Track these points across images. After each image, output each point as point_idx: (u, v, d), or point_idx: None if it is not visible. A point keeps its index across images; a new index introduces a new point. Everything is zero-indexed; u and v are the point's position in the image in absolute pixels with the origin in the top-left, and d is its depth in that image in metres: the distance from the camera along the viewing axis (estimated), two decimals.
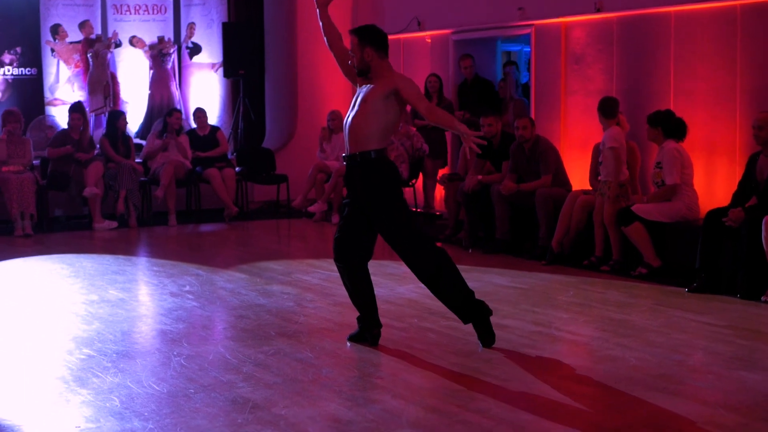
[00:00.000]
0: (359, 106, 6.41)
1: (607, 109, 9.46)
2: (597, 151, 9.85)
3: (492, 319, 7.13)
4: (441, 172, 12.68)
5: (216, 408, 5.22)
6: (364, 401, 5.33)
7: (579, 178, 10.47)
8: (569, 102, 11.32)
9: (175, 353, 6.36)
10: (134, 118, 15.09)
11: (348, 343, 6.58)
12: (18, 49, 14.65)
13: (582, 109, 11.12)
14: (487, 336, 6.43)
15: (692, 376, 5.79)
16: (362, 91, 6.48)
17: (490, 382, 5.66)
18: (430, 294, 8.05)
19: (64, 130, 12.90)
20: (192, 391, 5.53)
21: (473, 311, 6.45)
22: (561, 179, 10.26)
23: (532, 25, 11.72)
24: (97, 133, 14.32)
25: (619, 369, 5.91)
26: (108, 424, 4.99)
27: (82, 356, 6.33)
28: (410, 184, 12.82)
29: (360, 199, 6.44)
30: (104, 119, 14.49)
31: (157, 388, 5.60)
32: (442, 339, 6.72)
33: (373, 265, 9.35)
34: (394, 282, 8.78)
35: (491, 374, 5.82)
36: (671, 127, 9.10)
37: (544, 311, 7.55)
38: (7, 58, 14.57)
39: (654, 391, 5.45)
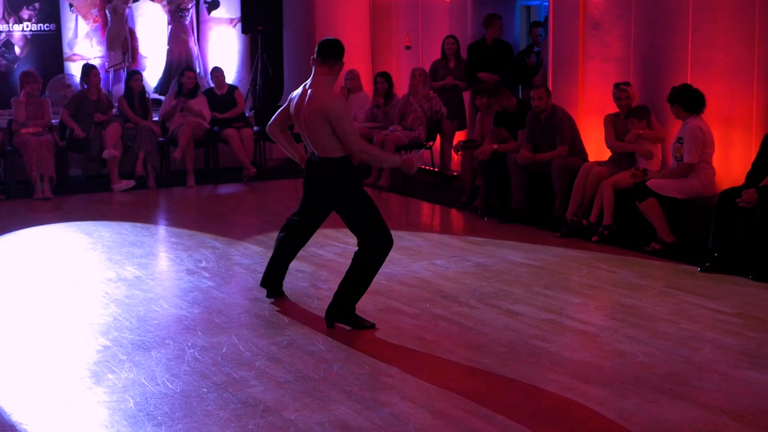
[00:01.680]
0: None
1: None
2: (613, 122, 9.84)
3: (504, 305, 7.29)
4: (458, 137, 12.68)
5: (228, 411, 5.33)
6: (374, 404, 5.42)
7: (595, 145, 10.46)
8: (587, 67, 11.25)
9: (189, 344, 6.46)
10: (153, 74, 15.14)
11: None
12: (36, 5, 14.64)
13: (599, 75, 11.05)
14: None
15: (698, 375, 5.84)
16: None
17: (498, 383, 5.74)
18: (443, 273, 8.21)
19: (81, 91, 12.94)
20: (205, 390, 5.64)
21: (347, 316, 6.82)
22: (577, 149, 10.25)
23: None
24: (117, 88, 14.38)
25: (627, 366, 5.97)
26: (122, 429, 5.10)
27: (98, 347, 6.45)
28: (428, 145, 12.83)
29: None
30: (123, 75, 14.54)
31: (170, 386, 5.71)
32: (453, 328, 6.79)
33: None
34: (409, 258, 8.84)
35: (500, 372, 5.90)
36: (689, 100, 9.05)
37: (555, 294, 7.60)
38: (25, 14, 14.58)
39: (660, 393, 5.52)
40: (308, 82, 6.86)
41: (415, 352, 6.33)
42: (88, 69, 12.97)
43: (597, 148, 10.36)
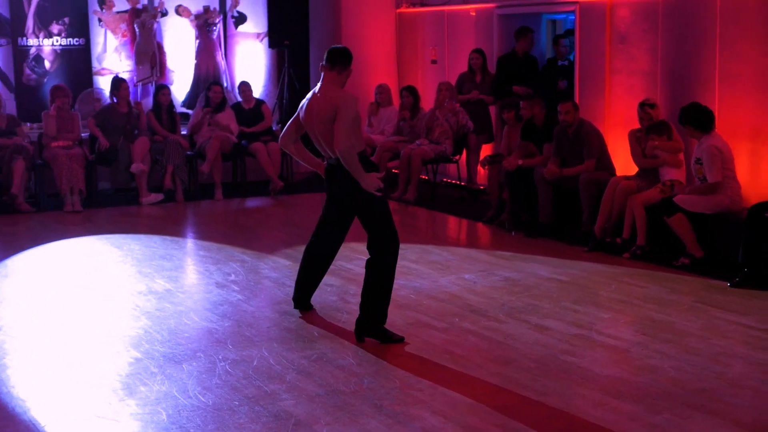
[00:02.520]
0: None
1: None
2: (637, 138, 9.85)
3: (533, 319, 7.28)
4: (484, 151, 12.70)
5: (260, 424, 5.36)
6: (405, 418, 5.44)
7: (622, 159, 10.45)
8: (613, 81, 11.26)
9: (220, 357, 6.50)
10: (181, 88, 15.24)
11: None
12: (66, 20, 14.75)
13: (626, 89, 11.05)
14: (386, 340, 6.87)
15: (730, 391, 5.82)
16: None
17: (528, 397, 5.75)
18: (472, 287, 8.22)
19: (110, 104, 13.03)
20: (236, 403, 5.67)
21: (377, 330, 6.84)
22: (605, 163, 10.24)
23: (577, 2, 11.64)
24: (145, 102, 14.47)
25: (659, 382, 5.97)
26: None
27: (130, 359, 6.50)
28: (454, 159, 12.85)
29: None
30: (151, 89, 14.65)
31: (202, 399, 5.74)
32: (482, 343, 6.80)
33: (416, 252, 9.53)
34: (437, 272, 8.85)
35: (530, 387, 5.90)
36: (699, 120, 9.04)
37: (585, 309, 7.60)
38: (55, 28, 14.70)
39: (692, 409, 5.52)
40: (317, 87, 6.97)
41: (445, 366, 6.34)
42: (117, 82, 13.09)
43: (624, 162, 10.36)
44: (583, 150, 10.13)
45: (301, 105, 7.12)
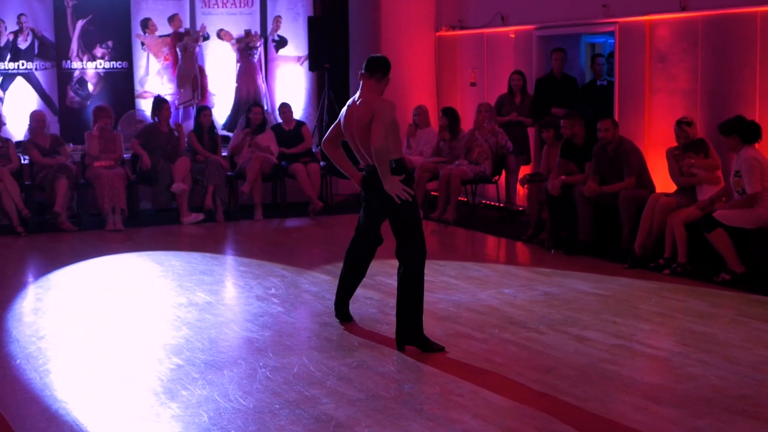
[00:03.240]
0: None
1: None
2: (674, 156, 9.84)
3: (573, 330, 7.26)
4: (523, 171, 12.71)
5: (300, 426, 5.38)
6: (446, 421, 5.44)
7: (662, 177, 10.42)
8: (653, 101, 11.26)
9: (260, 364, 6.54)
10: (221, 111, 15.38)
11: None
12: (109, 43, 14.98)
13: (666, 108, 11.05)
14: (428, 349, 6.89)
15: None
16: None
17: (569, 402, 5.73)
18: (511, 301, 8.21)
19: (152, 124, 13.19)
20: (277, 406, 5.70)
21: (417, 337, 6.88)
22: (644, 181, 10.22)
23: (616, 22, 11.67)
24: (186, 125, 14.61)
25: (701, 389, 5.93)
26: None
27: (172, 366, 6.55)
28: (493, 180, 12.87)
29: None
30: (192, 111, 14.80)
31: (243, 402, 5.78)
32: (522, 352, 6.80)
33: (455, 268, 9.54)
34: (476, 286, 8.86)
35: (571, 393, 5.89)
36: (746, 131, 9.03)
37: (625, 321, 7.57)
38: (98, 52, 14.91)
39: (734, 414, 5.49)
40: (356, 95, 7.06)
41: (485, 372, 6.34)
42: (159, 103, 13.25)
43: (664, 180, 10.32)
44: (622, 168, 10.12)
45: (341, 113, 7.20)
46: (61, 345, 7.19)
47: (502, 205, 13.17)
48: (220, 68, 15.55)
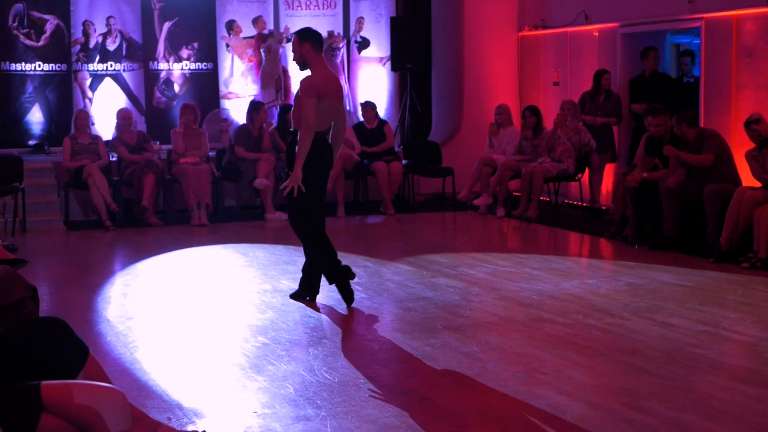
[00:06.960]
0: None
1: None
2: (753, 157, 9.71)
3: (658, 317, 7.20)
4: (607, 170, 12.65)
5: (385, 398, 5.42)
6: (530, 396, 5.44)
7: (749, 175, 10.26)
8: (740, 96, 11.12)
9: (345, 344, 6.59)
10: None
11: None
12: (195, 45, 15.21)
13: (753, 104, 10.90)
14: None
15: None
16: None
17: (654, 381, 5.69)
18: (595, 290, 8.17)
19: (244, 125, 13.35)
20: (362, 381, 5.75)
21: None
22: (730, 173, 10.06)
23: (702, 18, 11.55)
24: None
25: None
26: (283, 410, 5.25)
27: (257, 344, 6.64)
28: (576, 178, 12.81)
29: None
30: (275, 112, 14.94)
31: (328, 377, 5.84)
32: (606, 336, 6.76)
33: (537, 261, 9.53)
34: (559, 277, 8.83)
35: (656, 373, 5.85)
36: None
37: (710, 310, 7.49)
38: (184, 53, 15.15)
39: None
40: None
41: (569, 353, 6.32)
42: (257, 105, 13.43)
43: (750, 181, 10.15)
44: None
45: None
46: (149, 325, 7.33)
47: (585, 204, 13.10)
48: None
